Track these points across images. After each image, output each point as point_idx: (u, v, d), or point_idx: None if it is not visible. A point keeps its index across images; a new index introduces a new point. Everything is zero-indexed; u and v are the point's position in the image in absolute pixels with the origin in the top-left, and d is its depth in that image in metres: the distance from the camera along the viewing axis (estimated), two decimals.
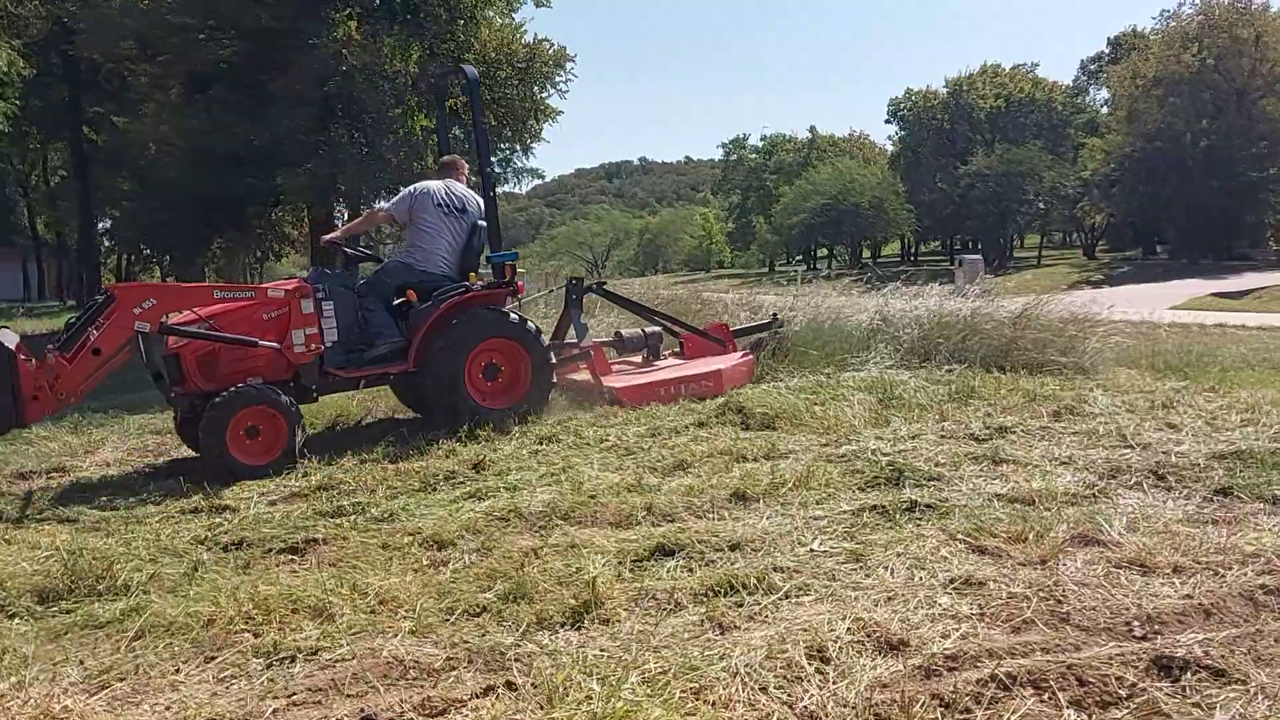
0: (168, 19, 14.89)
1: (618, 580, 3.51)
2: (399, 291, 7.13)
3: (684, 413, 6.74)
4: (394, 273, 7.19)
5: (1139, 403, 6.17)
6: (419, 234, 7.20)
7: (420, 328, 6.85)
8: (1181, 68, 45.35)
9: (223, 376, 6.35)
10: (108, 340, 5.93)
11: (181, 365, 6.35)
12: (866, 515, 4.17)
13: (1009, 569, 3.42)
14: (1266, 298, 29.22)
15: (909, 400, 6.68)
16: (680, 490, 4.71)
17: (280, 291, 6.61)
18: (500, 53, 17.85)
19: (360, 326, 6.88)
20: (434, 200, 7.19)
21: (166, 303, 6.21)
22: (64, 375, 5.87)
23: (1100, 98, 67.93)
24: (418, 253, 7.20)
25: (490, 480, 5.26)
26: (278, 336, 6.48)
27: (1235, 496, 4.13)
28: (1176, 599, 3.05)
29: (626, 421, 6.63)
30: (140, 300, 6.03)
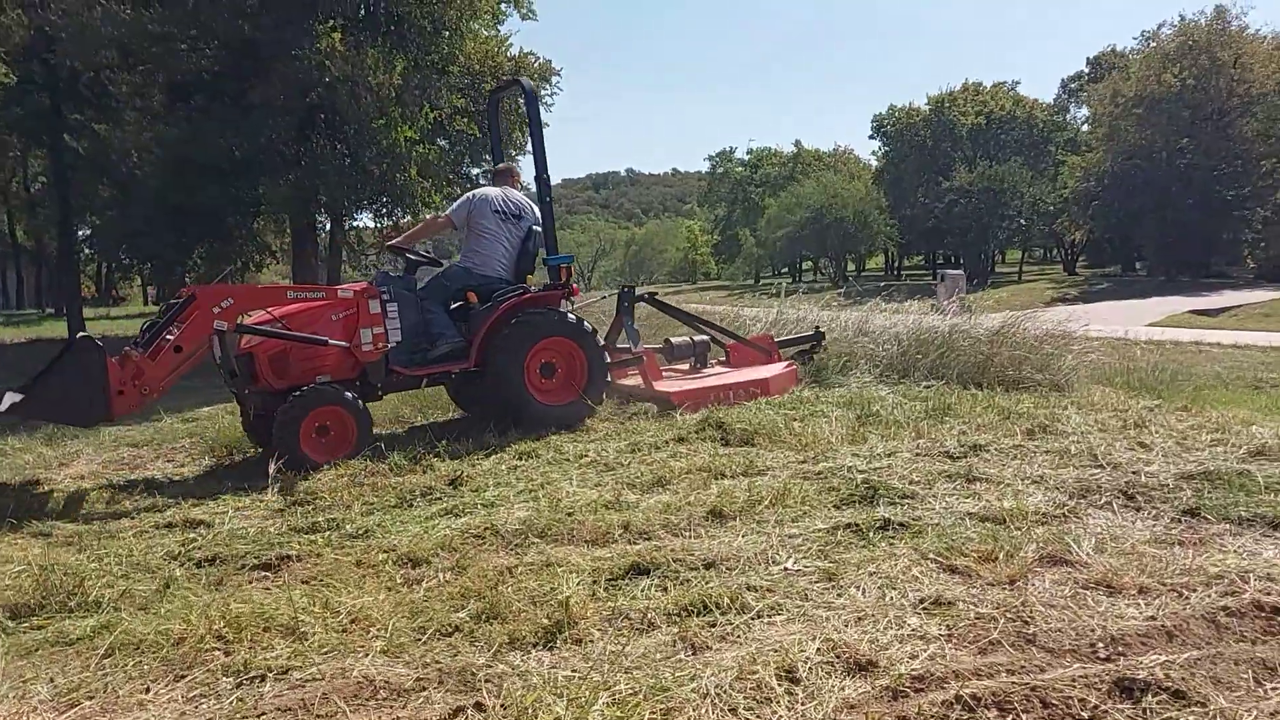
0: (149, 28, 14.86)
1: (592, 600, 3.52)
2: (458, 294, 7.42)
3: (665, 428, 6.74)
4: (454, 276, 7.48)
5: (1111, 421, 6.23)
6: (477, 239, 7.49)
7: (481, 328, 7.15)
8: (1161, 88, 45.91)
9: (294, 374, 6.64)
10: (189, 338, 6.27)
11: (255, 364, 6.64)
12: (841, 534, 4.18)
13: (978, 589, 3.45)
14: (1243, 315, 29.53)
15: (886, 417, 6.69)
16: (658, 507, 4.71)
17: (350, 293, 6.90)
18: (485, 65, 17.93)
19: (422, 327, 7.18)
20: (491, 206, 7.49)
21: (243, 303, 6.59)
22: (147, 372, 6.18)
23: (1080, 116, 68.74)
24: (476, 257, 7.48)
25: (467, 497, 5.25)
26: (346, 336, 6.77)
27: (1202, 517, 4.17)
28: (1141, 620, 3.09)
29: (607, 436, 6.65)
30: (219, 300, 6.37)
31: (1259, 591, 3.28)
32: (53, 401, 6.07)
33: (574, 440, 6.53)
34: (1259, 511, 4.17)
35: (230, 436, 7.57)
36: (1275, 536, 3.94)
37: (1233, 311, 30.57)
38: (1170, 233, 45.26)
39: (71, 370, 6.07)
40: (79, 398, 6.03)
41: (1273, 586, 3.33)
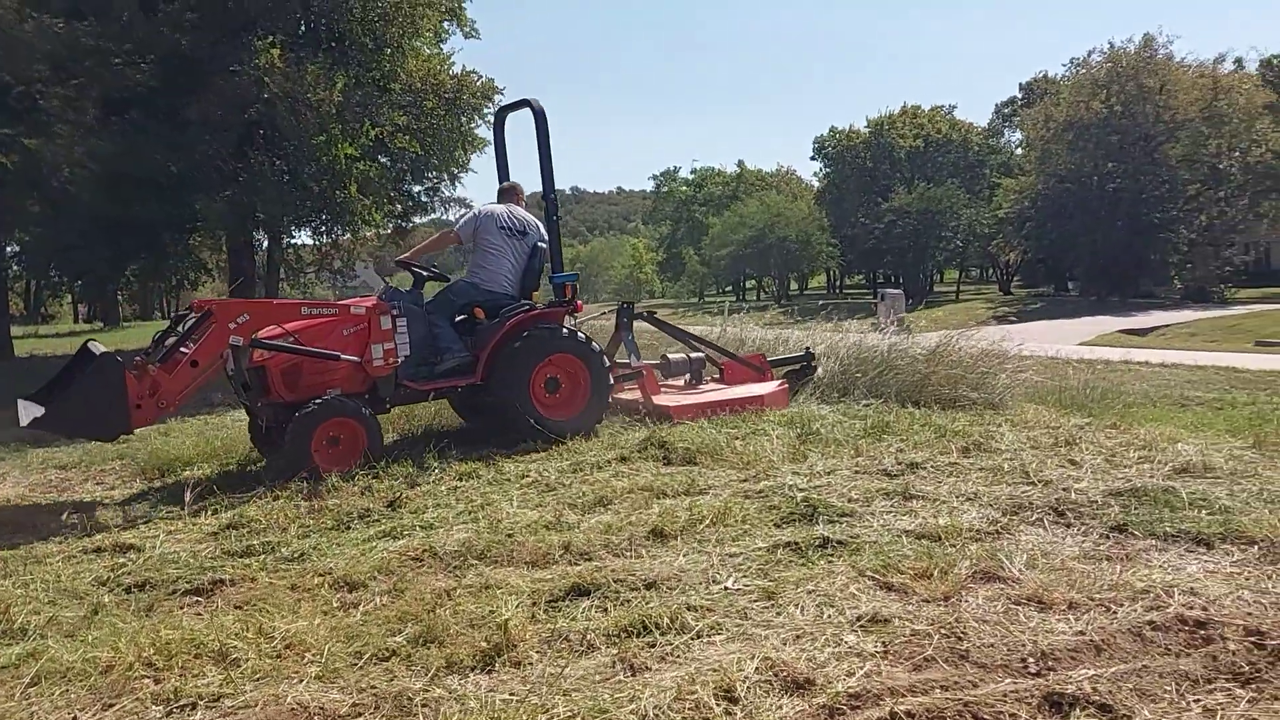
0: (83, 41, 14.53)
1: (531, 622, 3.50)
2: (464, 309, 7.56)
3: (607, 447, 6.74)
4: (460, 292, 7.60)
5: (1043, 439, 6.36)
6: (483, 255, 7.63)
7: (488, 343, 7.28)
8: (1090, 113, 47.25)
9: (305, 387, 6.74)
10: (205, 353, 6.39)
11: (267, 377, 6.74)
12: (781, 552, 4.21)
13: (914, 605, 3.50)
14: (1170, 335, 30.41)
15: (826, 435, 6.76)
16: (599, 528, 4.71)
17: (361, 308, 7.01)
18: (427, 83, 17.82)
19: (429, 341, 7.28)
20: (497, 223, 7.63)
21: (259, 318, 6.67)
22: (164, 386, 6.27)
23: (1014, 140, 70.46)
24: (482, 273, 7.61)
25: (406, 518, 5.20)
26: (357, 351, 6.90)
27: (1129, 533, 4.28)
28: (1070, 635, 3.15)
29: (549, 456, 6.63)
30: (236, 315, 6.50)
31: (1183, 606, 3.37)
32: (73, 415, 6.14)
33: (515, 460, 6.51)
34: (1183, 527, 4.28)
35: (162, 458, 7.40)
36: (1199, 552, 4.05)
37: (1160, 331, 31.49)
38: (1101, 254, 46.49)
39: (92, 384, 6.13)
40: (99, 411, 6.11)
41: (1196, 601, 3.43)
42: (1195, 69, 47.73)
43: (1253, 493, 4.88)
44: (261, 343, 6.64)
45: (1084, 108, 47.72)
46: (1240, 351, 22.43)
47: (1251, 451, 5.97)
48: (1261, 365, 17.27)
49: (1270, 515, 4.40)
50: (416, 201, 20.77)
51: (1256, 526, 4.21)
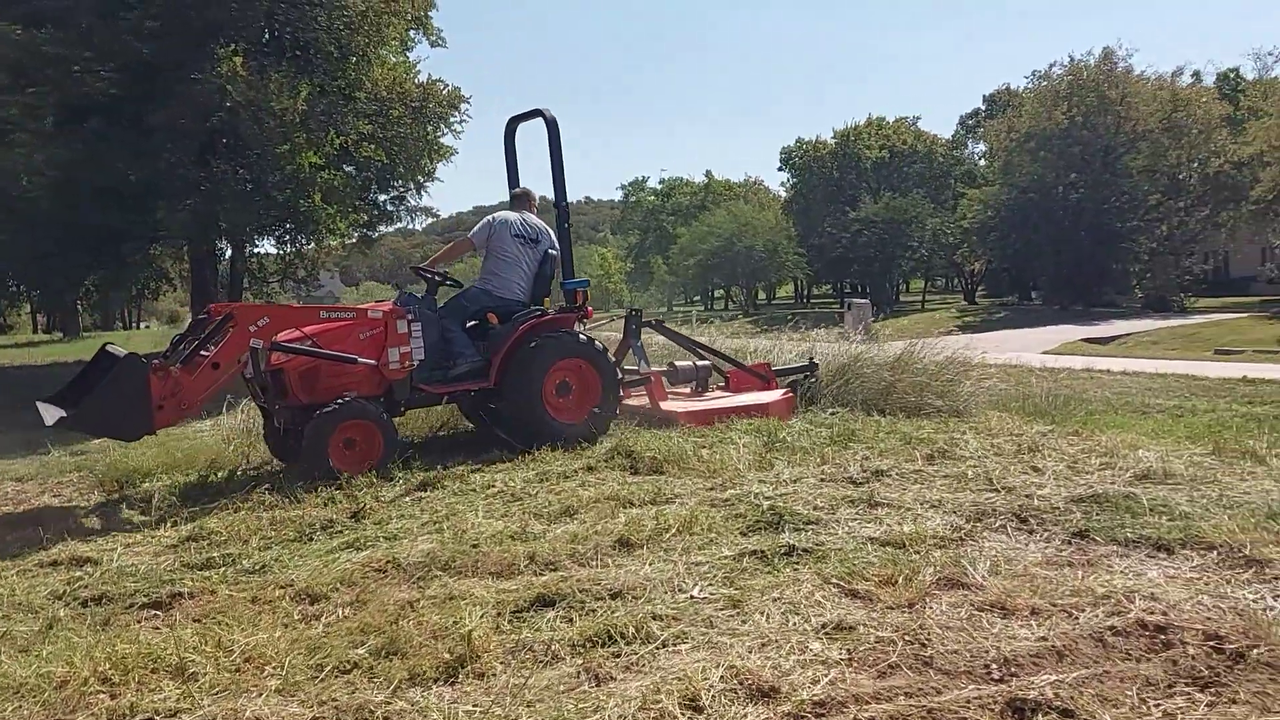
0: (43, 49, 14.33)
1: (495, 632, 3.48)
2: (476, 315, 7.73)
3: (573, 457, 6.73)
4: (473, 298, 7.76)
5: (1007, 446, 6.42)
6: (497, 262, 7.77)
7: (501, 348, 7.43)
8: (1052, 124, 47.86)
9: (322, 390, 6.86)
10: (226, 355, 6.51)
11: (285, 379, 6.86)
12: (746, 560, 4.22)
13: (878, 613, 3.51)
14: (1131, 343, 30.83)
15: (792, 443, 6.80)
16: (565, 537, 4.69)
17: (379, 313, 7.15)
18: (392, 92, 17.77)
19: (442, 346, 7.42)
20: (511, 230, 7.77)
21: (279, 322, 6.80)
22: (185, 388, 6.38)
23: (978, 151, 71.27)
24: (495, 280, 7.75)
25: (369, 529, 5.16)
26: (373, 354, 7.03)
27: (1091, 539, 4.33)
28: (1033, 641, 3.18)
29: (515, 466, 6.61)
30: (256, 319, 6.65)
31: (1143, 611, 3.41)
32: (98, 415, 6.24)
33: (480, 470, 6.47)
34: (1144, 533, 4.34)
35: (121, 469, 7.28)
36: (1159, 557, 4.10)
37: (1122, 339, 31.90)
38: (1064, 264, 47.08)
39: (116, 385, 6.22)
40: (124, 412, 6.22)
41: (1156, 606, 3.47)
42: (1154, 81, 48.53)
43: (1212, 499, 4.94)
44: (282, 345, 6.76)
45: (1046, 119, 48.34)
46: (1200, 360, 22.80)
47: (1211, 458, 6.05)
48: (1221, 373, 17.56)
49: (1229, 521, 4.46)
50: (382, 210, 20.67)
51: (1216, 532, 4.27)
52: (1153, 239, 46.64)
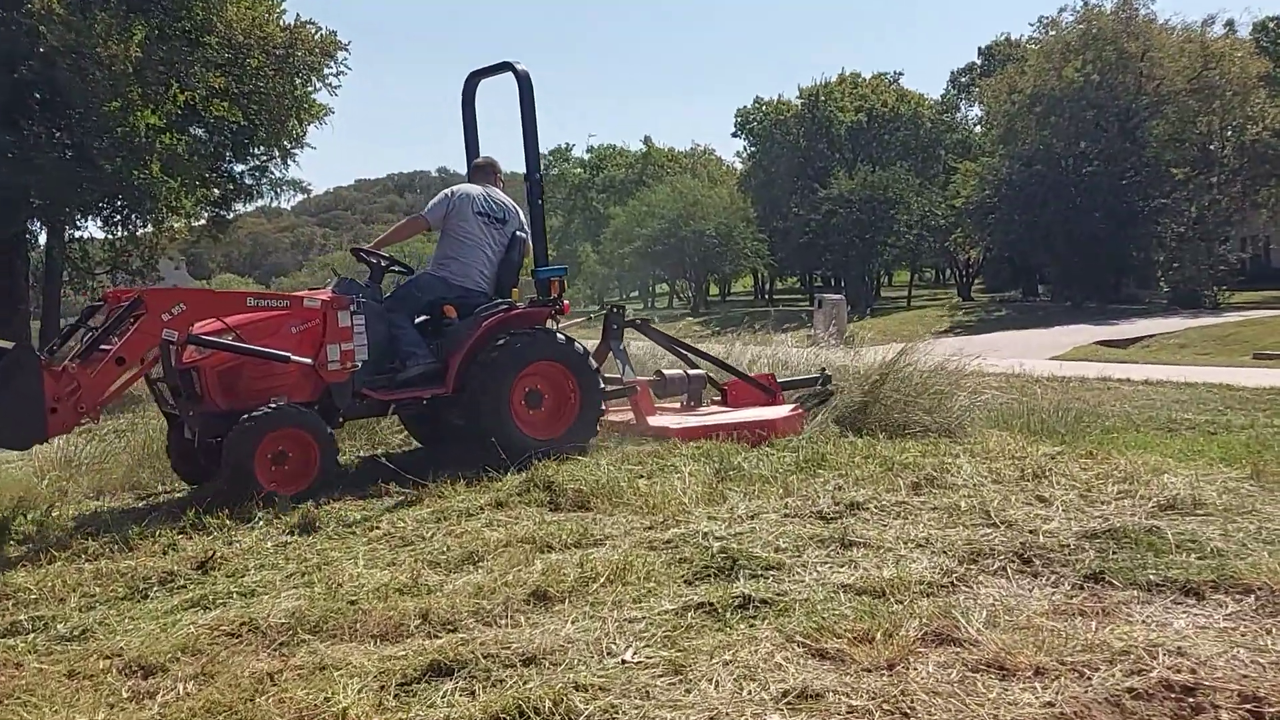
0: None
1: (377, 710, 3.44)
2: (429, 307, 7.79)
3: (479, 491, 6.71)
4: (426, 287, 7.83)
5: (1007, 471, 6.52)
6: (456, 244, 7.85)
7: (461, 348, 7.47)
8: (1061, 83, 48.90)
9: (245, 394, 6.92)
10: (132, 348, 6.52)
11: (200, 380, 6.89)
12: (692, 615, 4.23)
13: (852, 676, 3.54)
14: (1155, 346, 31.62)
15: (750, 471, 6.84)
16: (467, 590, 4.67)
17: (316, 301, 7.21)
18: (251, 36, 17.60)
19: (388, 344, 7.47)
20: (474, 207, 7.85)
21: (197, 309, 6.80)
22: (85, 387, 6.35)
23: (972, 115, 72.58)
24: (453, 265, 7.84)
25: (221, 584, 5.10)
26: (307, 351, 7.06)
27: (1107, 582, 4.40)
28: (1037, 708, 3.22)
29: (406, 502, 6.57)
30: (169, 305, 6.62)
31: (1168, 669, 3.47)
32: None
33: (363, 508, 6.42)
34: (1169, 575, 4.42)
35: None
36: (1186, 604, 4.18)
37: (1144, 342, 32.71)
38: (1076, 251, 48.06)
39: (4, 383, 6.15)
40: (13, 416, 6.19)
41: (1183, 663, 3.54)
42: (1182, 33, 49.90)
43: (1249, 532, 5.04)
44: (200, 339, 6.77)
45: (1054, 77, 49.40)
46: (1236, 366, 23.43)
47: (1249, 484, 6.18)
48: (1260, 382, 18.05)
49: (1270, 559, 4.56)
50: (239, 184, 20.44)
51: (1254, 572, 4.36)
52: (1180, 222, 47.82)
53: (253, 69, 17.55)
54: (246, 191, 20.71)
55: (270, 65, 17.80)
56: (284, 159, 20.02)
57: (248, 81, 17.52)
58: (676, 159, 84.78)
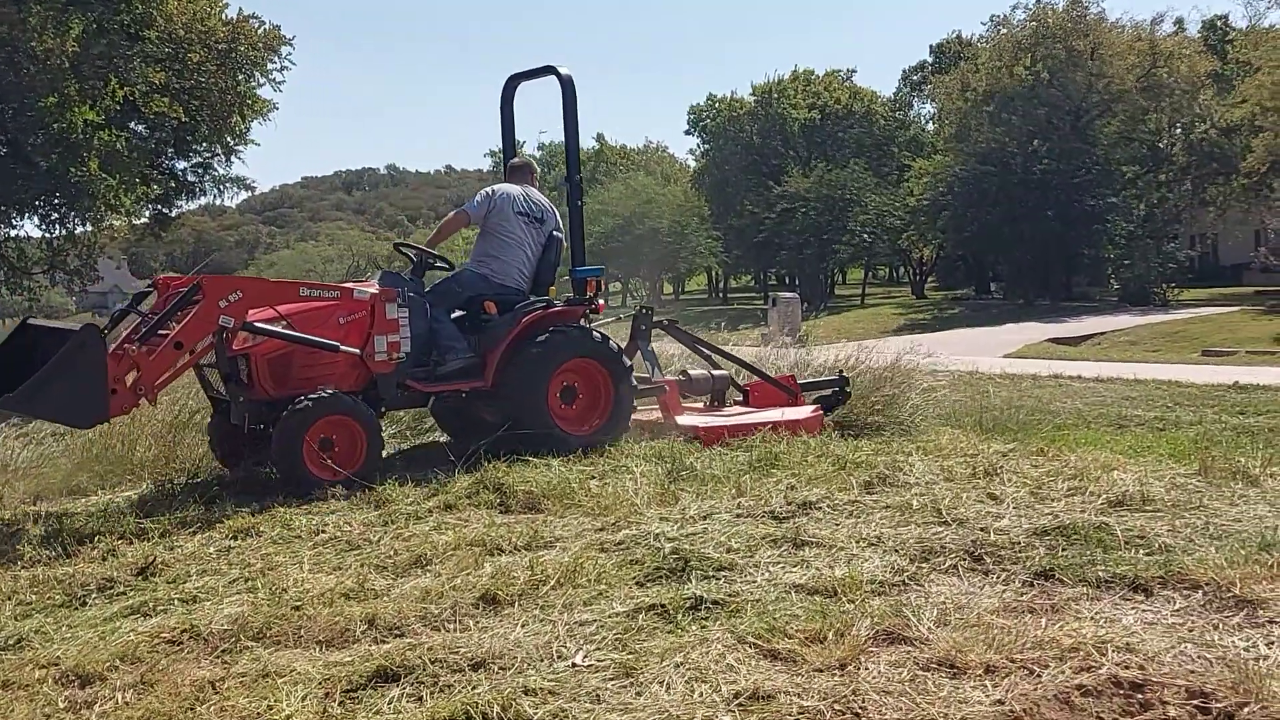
0: None
1: (322, 718, 3.42)
2: (468, 303, 8.04)
3: (427, 494, 6.68)
4: (467, 283, 8.09)
5: (959, 469, 6.60)
6: (496, 242, 8.13)
7: (500, 343, 7.72)
8: (1013, 81, 49.44)
9: (293, 382, 7.15)
10: (190, 333, 6.70)
11: (250, 367, 7.09)
12: (643, 617, 4.24)
13: (803, 676, 3.56)
14: (1106, 344, 32.07)
15: (702, 472, 6.88)
16: (414, 594, 4.66)
17: (366, 293, 7.45)
18: (192, 31, 17.41)
19: (427, 337, 7.71)
20: (515, 207, 8.12)
21: (252, 297, 7.02)
22: (145, 369, 6.56)
23: (925, 112, 73.17)
24: (494, 262, 8.11)
25: (161, 590, 5.04)
26: (356, 341, 7.31)
27: (1056, 579, 4.46)
28: (987, 706, 3.26)
29: (352, 507, 6.52)
30: (227, 292, 6.83)
31: (1117, 665, 3.53)
32: (48, 396, 6.35)
33: (308, 511, 6.37)
34: (1118, 571, 4.49)
35: None
36: (1135, 600, 4.25)
37: (1095, 340, 33.16)
38: (1028, 249, 48.63)
39: (71, 362, 6.32)
40: (79, 394, 6.37)
41: (1132, 659, 3.59)
42: (1131, 31, 50.62)
43: (1197, 527, 5.14)
44: (255, 326, 6.97)
45: (1006, 75, 49.92)
46: (1185, 363, 23.83)
47: (1197, 479, 6.29)
48: (1208, 378, 18.37)
49: (1217, 554, 4.64)
50: (181, 182, 20.20)
51: (1201, 567, 4.44)
52: (1130, 220, 48.48)
53: (194, 64, 17.38)
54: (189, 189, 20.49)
55: (212, 60, 17.63)
56: (227, 156, 19.86)
57: (189, 77, 17.35)
58: (629, 156, 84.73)
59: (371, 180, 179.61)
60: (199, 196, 21.15)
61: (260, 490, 7.11)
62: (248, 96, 18.52)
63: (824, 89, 69.78)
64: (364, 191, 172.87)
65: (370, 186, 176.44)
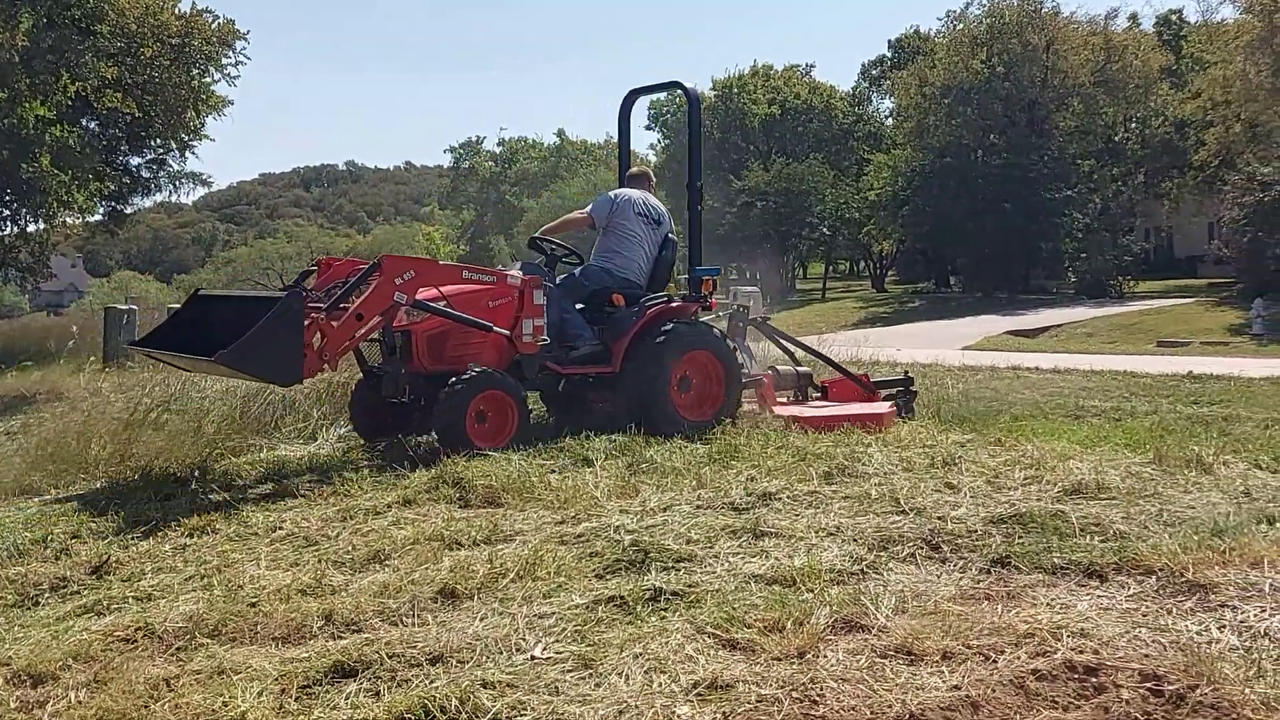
0: None
1: (278, 714, 3.39)
2: (592, 296, 8.74)
3: (386, 489, 6.64)
4: (594, 277, 8.79)
5: (918, 460, 6.65)
6: (619, 240, 8.84)
7: (626, 333, 8.37)
8: (970, 76, 49.83)
9: (447, 358, 7.84)
10: (370, 306, 7.35)
11: (412, 342, 7.82)
12: (603, 609, 4.24)
13: (762, 665, 3.57)
14: (1063, 336, 32.41)
15: (663, 464, 6.89)
16: (372, 590, 4.62)
17: (518, 280, 8.08)
18: (145, 25, 17.21)
19: (558, 326, 8.33)
20: (635, 208, 8.85)
21: (423, 277, 7.67)
22: (329, 337, 7.22)
23: (884, 107, 73.60)
24: (617, 259, 8.82)
25: (116, 588, 4.98)
26: (504, 324, 7.95)
27: (1013, 567, 4.51)
28: (943, 691, 3.28)
29: (310, 503, 6.47)
30: (402, 271, 7.50)
31: (1072, 650, 3.56)
32: (258, 355, 6.86)
33: (265, 509, 6.31)
34: (1073, 558, 4.55)
35: None
36: (1090, 586, 4.31)
37: (1052, 332, 33.50)
38: (986, 242, 49.03)
39: (278, 324, 6.87)
40: (282, 354, 6.93)
41: (1087, 644, 3.63)
42: (1086, 26, 51.14)
43: (1151, 515, 5.23)
44: (423, 304, 7.65)
45: (963, 69, 50.31)
46: (1140, 354, 24.13)
47: (1151, 468, 6.41)
48: (1163, 369, 18.62)
49: (1170, 541, 4.73)
50: (136, 178, 19.97)
51: (1155, 554, 4.51)
52: (1086, 213, 48.99)
53: (147, 59, 17.18)
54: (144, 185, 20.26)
55: (165, 55, 17.43)
56: (182, 151, 19.65)
57: (142, 72, 17.15)
58: (590, 150, 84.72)
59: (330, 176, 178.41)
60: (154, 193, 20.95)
61: (222, 488, 7.03)
62: (202, 92, 18.33)
63: (784, 84, 70.16)
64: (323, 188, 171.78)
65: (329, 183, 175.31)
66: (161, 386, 9.98)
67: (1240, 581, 4.23)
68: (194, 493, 6.81)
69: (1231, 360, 20.77)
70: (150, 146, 19.30)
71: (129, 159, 19.42)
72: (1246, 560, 4.46)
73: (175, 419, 8.75)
